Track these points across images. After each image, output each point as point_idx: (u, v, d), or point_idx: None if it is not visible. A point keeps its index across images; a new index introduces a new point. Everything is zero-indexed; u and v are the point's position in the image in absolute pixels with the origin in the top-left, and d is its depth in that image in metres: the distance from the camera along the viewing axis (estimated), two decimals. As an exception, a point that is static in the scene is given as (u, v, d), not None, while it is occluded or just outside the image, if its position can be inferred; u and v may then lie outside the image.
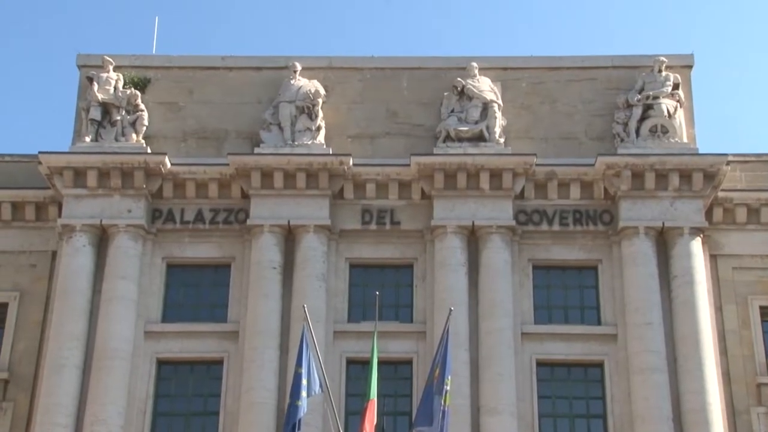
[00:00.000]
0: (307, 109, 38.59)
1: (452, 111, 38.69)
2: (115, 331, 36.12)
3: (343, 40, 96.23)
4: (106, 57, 39.27)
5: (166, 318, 37.64)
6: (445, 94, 38.98)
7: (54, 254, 38.16)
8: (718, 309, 36.98)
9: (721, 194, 37.89)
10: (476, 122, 38.28)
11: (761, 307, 37.23)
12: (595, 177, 37.76)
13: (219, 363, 36.96)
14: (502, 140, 38.22)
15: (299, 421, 30.73)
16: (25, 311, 38.21)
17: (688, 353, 35.40)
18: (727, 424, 35.08)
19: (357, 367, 35.35)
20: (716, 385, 35.28)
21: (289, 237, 37.60)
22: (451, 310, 32.71)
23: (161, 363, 37.03)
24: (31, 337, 37.69)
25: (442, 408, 30.86)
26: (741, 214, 38.22)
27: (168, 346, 37.13)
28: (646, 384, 34.99)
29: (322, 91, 38.87)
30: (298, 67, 39.02)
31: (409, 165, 37.56)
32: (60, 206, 38.05)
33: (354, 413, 33.99)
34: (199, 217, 38.51)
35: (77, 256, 37.08)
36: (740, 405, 35.98)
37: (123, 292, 36.73)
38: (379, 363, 32.51)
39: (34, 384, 36.60)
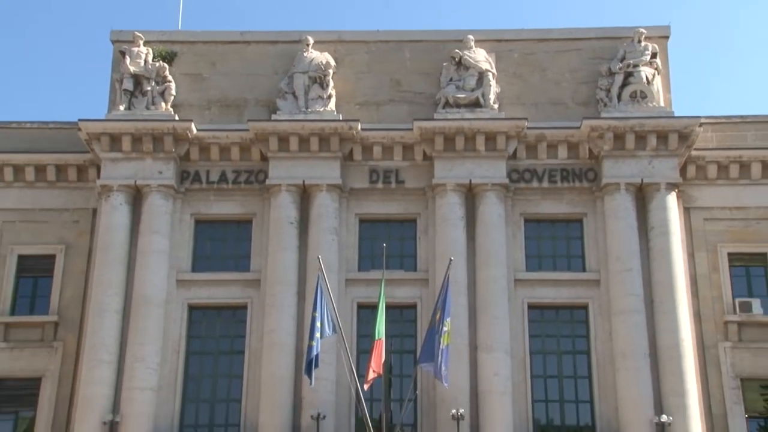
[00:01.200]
0: (318, 79, 38.52)
1: (451, 80, 38.54)
2: (150, 281, 36.48)
3: (351, 15, 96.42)
4: (136, 33, 39.25)
5: (195, 268, 37.84)
6: (444, 64, 38.79)
7: (94, 211, 38.27)
8: (691, 256, 37.13)
9: (694, 153, 37.83)
10: (472, 90, 38.12)
11: (729, 254, 37.39)
12: (581, 138, 37.66)
13: (243, 308, 37.23)
14: (496, 106, 38.05)
15: (316, 357, 31.33)
16: (71, 262, 38.43)
17: (663, 296, 35.68)
18: (697, 357, 35.42)
19: (366, 311, 35.50)
20: (688, 323, 35.66)
21: (304, 195, 37.63)
22: (451, 260, 33.30)
23: (192, 308, 37.35)
24: (77, 285, 37.96)
25: (441, 347, 31.19)
26: (712, 171, 38.18)
27: (197, 293, 37.42)
28: (626, 324, 35.28)
29: (333, 63, 38.77)
30: (311, 40, 38.93)
31: (411, 129, 37.51)
32: (98, 168, 38.16)
33: (364, 352, 34.17)
34: (223, 177, 38.54)
35: (115, 214, 37.27)
36: (709, 341, 36.26)
37: (156, 246, 37.02)
38: (387, 307, 32.96)
39: (81, 326, 36.95)
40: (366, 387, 31.99)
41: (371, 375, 31.61)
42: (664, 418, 33.80)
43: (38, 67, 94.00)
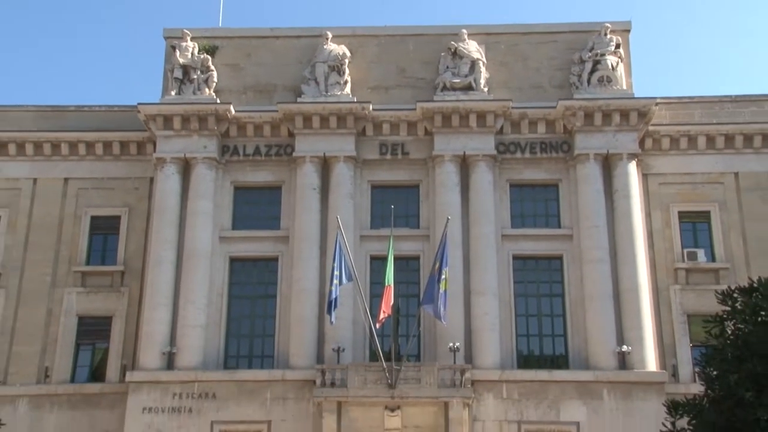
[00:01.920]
0: (336, 67, 38.66)
1: (447, 67, 38.59)
2: (197, 237, 37.15)
3: (363, 13, 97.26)
4: (184, 30, 39.42)
5: (234, 227, 38.37)
6: (442, 54, 38.86)
7: (151, 180, 38.84)
8: (648, 214, 37.57)
9: (651, 128, 38.10)
10: (466, 76, 38.27)
11: (679, 212, 37.82)
12: (557, 116, 37.96)
13: (275, 260, 37.81)
14: (485, 89, 38.21)
15: (335, 300, 32.34)
16: (133, 222, 39.05)
17: (624, 248, 36.24)
18: (652, 298, 36.17)
19: (378, 262, 35.91)
20: (645, 270, 36.26)
21: (325, 165, 37.97)
22: (448, 219, 34.17)
23: (232, 260, 37.92)
24: (138, 240, 38.68)
25: (440, 291, 32.02)
26: (665, 143, 38.49)
27: (237, 248, 37.97)
28: (594, 271, 35.98)
29: (348, 54, 38.86)
30: (329, 35, 38.99)
31: (415, 109, 37.87)
32: (154, 144, 38.64)
33: (376, 296, 34.73)
34: (257, 151, 38.96)
35: (168, 182, 37.89)
36: (662, 284, 36.86)
37: (202, 208, 37.55)
38: (394, 259, 33.78)
39: (142, 274, 37.83)
40: (378, 325, 32.92)
41: (382, 315, 32.67)
42: (624, 348, 34.53)
43: (104, 59, 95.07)
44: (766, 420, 6.08)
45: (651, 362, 34.93)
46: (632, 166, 37.45)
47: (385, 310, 32.56)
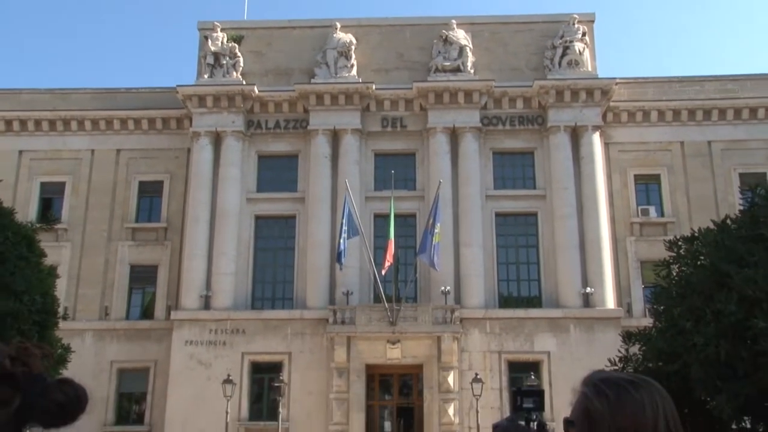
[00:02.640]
0: (344, 53, 38.72)
1: (439, 52, 38.62)
2: (227, 199, 37.46)
3: (368, 5, 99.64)
4: (215, 22, 39.45)
5: (258, 189, 38.64)
6: (435, 41, 38.87)
7: (188, 150, 39.09)
8: (608, 177, 37.80)
9: (612, 104, 38.32)
10: (455, 59, 38.37)
11: (635, 175, 38.11)
12: (532, 94, 38.06)
13: (293, 218, 38.09)
14: (472, 71, 38.35)
15: (344, 251, 32.61)
16: (174, 186, 39.37)
17: (589, 205, 36.59)
18: (611, 247, 36.57)
19: (381, 220, 36.06)
20: (606, 224, 36.67)
21: (335, 137, 38.12)
22: (440, 182, 34.31)
23: (257, 218, 38.21)
24: (178, 201, 38.96)
25: (433, 243, 32.27)
26: (624, 117, 38.66)
27: (261, 207, 38.30)
28: (563, 226, 36.36)
29: (354, 41, 38.87)
30: (338, 25, 38.99)
31: (411, 89, 37.96)
32: (190, 120, 38.86)
33: (379, 248, 34.99)
34: (277, 125, 39.12)
35: (202, 152, 38.15)
36: (620, 236, 37.25)
37: (231, 174, 37.85)
38: (395, 216, 34.05)
39: (182, 230, 38.24)
40: (384, 272, 33.30)
41: (387, 263, 33.01)
42: (587, 289, 35.12)
43: (146, 48, 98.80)
44: (702, 344, 6.32)
45: (610, 301, 35.48)
46: (596, 137, 37.66)
47: (389, 260, 32.89)
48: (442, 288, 34.61)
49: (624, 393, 1.89)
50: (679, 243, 7.74)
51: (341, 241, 32.78)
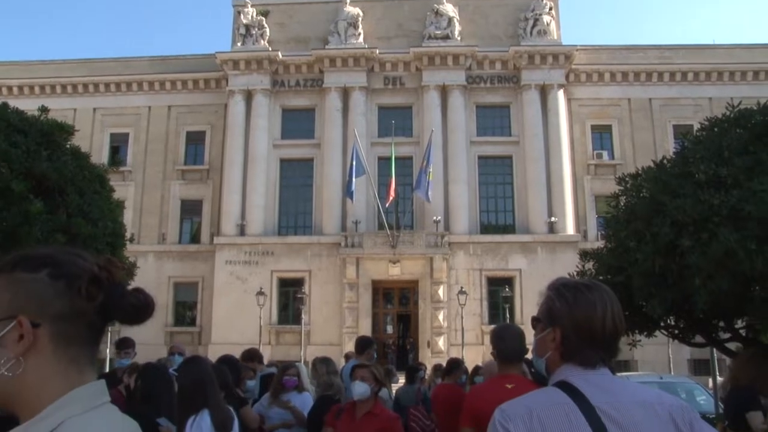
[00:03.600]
0: (353, 23, 38.15)
1: (432, 23, 38.03)
2: (257, 145, 37.30)
3: None
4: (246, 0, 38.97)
5: (283, 137, 38.24)
6: (428, 13, 38.20)
7: (225, 106, 38.59)
8: (570, 127, 37.52)
9: (573, 67, 37.79)
10: (445, 29, 37.79)
11: (591, 126, 37.74)
12: (509, 58, 37.55)
13: (311, 160, 37.84)
14: (459, 38, 37.79)
15: (354, 187, 32.60)
16: (214, 135, 39.03)
17: (554, 150, 36.36)
18: (572, 185, 36.50)
19: (383, 161, 35.86)
20: (569, 165, 36.57)
21: (345, 93, 37.70)
22: (432, 130, 34.15)
23: (282, 161, 37.97)
24: (218, 147, 38.68)
25: (428, 180, 32.22)
26: (583, 77, 38.16)
27: (285, 152, 38.00)
28: (534, 167, 36.21)
29: (361, 13, 38.33)
30: (348, 1, 38.35)
31: (408, 53, 37.49)
32: (227, 80, 38.44)
33: (382, 185, 34.86)
34: (297, 83, 38.64)
35: (237, 106, 37.80)
36: (579, 175, 37.10)
37: (260, 124, 37.57)
38: (395, 158, 33.89)
39: (221, 171, 38.03)
40: (387, 204, 33.32)
41: (391, 197, 33.05)
42: (552, 218, 35.23)
43: (191, 22, 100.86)
44: (641, 260, 6.49)
45: (570, 228, 35.59)
46: (560, 93, 37.29)
47: (391, 195, 32.93)
48: (434, 217, 34.69)
49: (580, 294, 1.94)
50: (626, 179, 7.83)
51: (351, 179, 32.79)
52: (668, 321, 7.75)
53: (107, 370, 29.66)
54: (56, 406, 1.26)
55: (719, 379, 11.91)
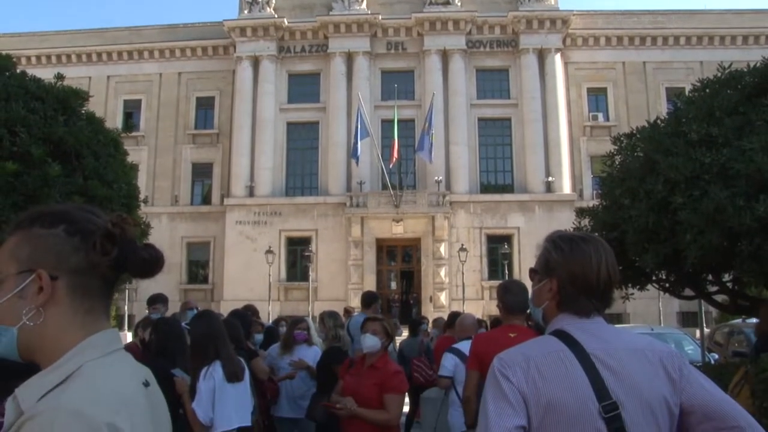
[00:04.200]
0: None
1: None
2: (265, 109, 37.02)
3: None
4: (252, -33, 38.29)
5: (289, 101, 37.85)
6: None
7: (233, 72, 38.30)
8: (567, 89, 37.20)
9: (570, 31, 37.27)
10: None
11: (587, 88, 37.45)
12: (507, 23, 37.03)
13: (317, 123, 37.60)
14: (459, 3, 37.22)
15: (358, 149, 32.54)
16: (222, 100, 38.75)
17: (552, 112, 36.11)
18: (568, 145, 36.32)
19: (387, 124, 35.65)
20: (565, 127, 36.32)
21: (349, 58, 37.29)
22: (434, 93, 33.97)
23: (288, 124, 37.70)
24: (227, 112, 38.42)
25: (430, 142, 32.13)
26: (579, 41, 37.65)
27: (292, 116, 37.69)
28: (532, 128, 36.00)
29: None
30: None
31: (410, 18, 37.00)
32: (235, 47, 38.04)
33: (386, 146, 34.68)
34: (303, 49, 38.16)
35: (244, 73, 37.47)
36: (575, 136, 36.93)
37: (267, 89, 37.26)
38: (398, 121, 33.74)
39: (230, 135, 37.82)
40: (390, 165, 33.31)
41: (392, 159, 33.03)
42: (549, 178, 35.13)
43: None
44: (635, 216, 6.49)
45: (566, 187, 35.53)
46: (558, 57, 36.89)
47: (394, 156, 32.83)
48: (436, 178, 34.64)
49: (575, 246, 1.93)
50: (621, 138, 7.79)
51: (356, 141, 32.71)
52: (660, 275, 7.80)
53: (126, 325, 30.19)
54: (75, 351, 1.30)
55: (706, 330, 12.01)
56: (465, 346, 6.10)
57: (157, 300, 8.08)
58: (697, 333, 13.76)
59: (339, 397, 4.83)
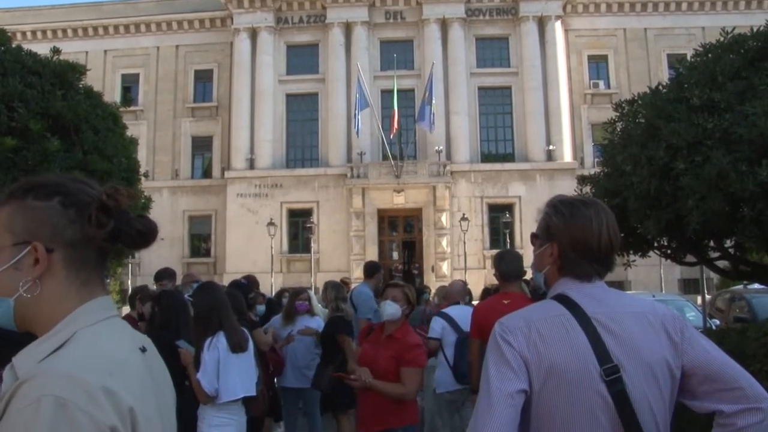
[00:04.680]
0: None
1: None
2: (264, 81, 36.80)
3: None
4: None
5: (288, 73, 37.60)
6: None
7: (231, 44, 38.01)
8: (568, 57, 36.91)
9: None
10: None
11: (588, 56, 37.24)
12: None
13: (316, 95, 37.41)
14: None
15: (359, 120, 32.50)
16: (221, 72, 38.52)
17: (552, 80, 35.88)
18: (569, 113, 36.14)
19: (386, 94, 35.44)
20: (565, 94, 36.09)
21: (348, 28, 36.95)
22: (433, 63, 33.67)
23: (288, 95, 37.48)
24: (226, 84, 38.17)
25: (431, 111, 31.98)
26: (580, 8, 37.23)
27: (290, 87, 37.43)
28: (532, 97, 35.82)
29: None
30: None
31: None
32: (232, 19, 37.64)
33: (386, 117, 34.52)
34: (301, 20, 37.77)
35: (243, 44, 37.17)
36: (576, 104, 36.73)
37: (266, 61, 36.97)
38: (398, 91, 33.56)
39: (230, 107, 37.63)
40: (392, 135, 33.19)
41: (394, 129, 32.87)
42: (550, 147, 35.02)
43: None
44: (637, 183, 6.46)
45: (567, 155, 35.43)
46: (558, 25, 36.52)
47: (394, 126, 32.70)
48: (436, 147, 34.54)
49: (576, 210, 1.91)
50: (623, 104, 7.72)
51: (356, 112, 32.54)
52: (662, 241, 7.79)
53: (128, 300, 30.31)
54: (69, 319, 1.32)
55: (707, 296, 12.05)
56: (453, 311, 6.59)
57: (164, 276, 7.92)
58: (699, 299, 13.80)
59: (355, 366, 4.78)
